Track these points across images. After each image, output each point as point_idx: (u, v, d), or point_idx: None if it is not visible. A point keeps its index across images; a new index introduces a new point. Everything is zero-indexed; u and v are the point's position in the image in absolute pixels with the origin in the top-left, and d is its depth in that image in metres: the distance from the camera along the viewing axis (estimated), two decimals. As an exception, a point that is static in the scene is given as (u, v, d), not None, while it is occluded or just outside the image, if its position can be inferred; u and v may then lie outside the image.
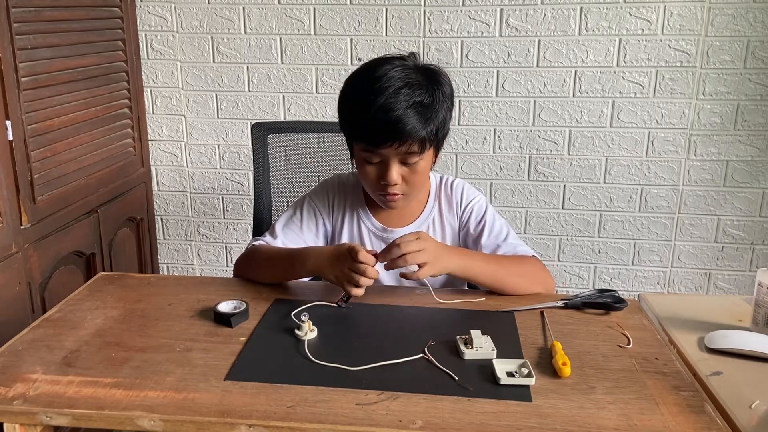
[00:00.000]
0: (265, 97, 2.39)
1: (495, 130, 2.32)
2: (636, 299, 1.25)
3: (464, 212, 1.37)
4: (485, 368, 0.97)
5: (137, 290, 1.26)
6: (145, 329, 1.10)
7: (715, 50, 2.16)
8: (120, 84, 2.23)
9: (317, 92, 2.36)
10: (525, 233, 2.40)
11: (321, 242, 1.38)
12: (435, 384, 0.93)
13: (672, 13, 2.15)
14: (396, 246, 1.12)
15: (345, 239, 1.36)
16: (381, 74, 1.16)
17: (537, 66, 2.24)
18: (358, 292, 1.14)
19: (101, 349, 1.03)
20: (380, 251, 1.14)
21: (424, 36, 2.26)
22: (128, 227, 2.31)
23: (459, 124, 2.32)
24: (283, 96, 2.37)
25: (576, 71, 2.23)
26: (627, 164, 2.30)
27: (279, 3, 2.29)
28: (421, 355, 1.00)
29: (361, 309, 1.18)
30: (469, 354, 1.00)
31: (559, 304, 1.20)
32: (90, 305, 1.19)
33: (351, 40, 2.29)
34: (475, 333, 1.03)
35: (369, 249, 1.15)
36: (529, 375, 0.94)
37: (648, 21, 2.16)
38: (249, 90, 2.38)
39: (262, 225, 1.66)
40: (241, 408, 0.87)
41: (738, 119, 2.22)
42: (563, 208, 2.37)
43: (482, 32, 2.23)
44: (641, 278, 2.42)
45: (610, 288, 1.73)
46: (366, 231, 1.36)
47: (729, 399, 0.93)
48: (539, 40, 2.22)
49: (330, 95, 2.35)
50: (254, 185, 1.67)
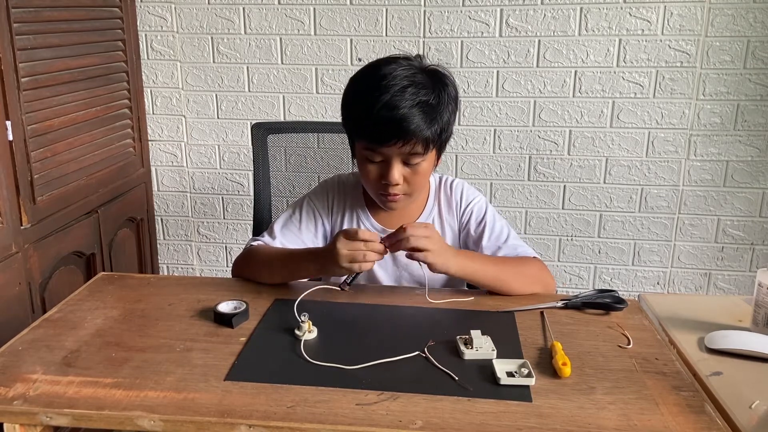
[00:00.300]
0: (265, 98, 2.39)
1: (495, 131, 2.32)
2: (636, 299, 1.25)
3: (464, 213, 1.37)
4: (485, 368, 0.97)
5: (137, 290, 1.26)
6: (145, 329, 1.10)
7: (715, 50, 2.16)
8: (120, 84, 2.23)
9: (317, 92, 2.36)
10: (525, 233, 2.40)
11: (320, 243, 1.37)
12: (435, 384, 0.93)
13: (672, 14, 2.15)
14: (402, 229, 1.12)
15: None
16: (387, 72, 1.16)
17: (537, 66, 2.24)
18: (366, 266, 1.12)
19: (101, 349, 1.03)
20: (385, 238, 1.14)
21: (424, 36, 2.26)
22: (128, 227, 2.31)
23: (459, 124, 2.32)
24: (283, 96, 2.38)
25: (576, 71, 2.23)
26: (627, 164, 2.30)
27: (279, 3, 2.29)
28: (421, 354, 1.00)
29: (362, 309, 1.18)
30: (469, 354, 1.00)
31: (559, 305, 1.20)
32: (90, 305, 1.19)
33: (351, 41, 2.29)
34: (475, 333, 1.03)
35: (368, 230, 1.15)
36: (529, 375, 0.94)
37: (648, 21, 2.16)
38: (249, 90, 2.38)
39: (262, 225, 1.66)
40: (241, 408, 0.87)
41: (738, 119, 2.22)
42: (563, 209, 2.37)
43: (482, 32, 2.23)
44: (641, 278, 2.42)
45: (610, 288, 1.72)
46: None
47: (729, 399, 0.93)
48: (539, 41, 2.22)
49: (330, 95, 2.35)
50: (254, 185, 1.67)
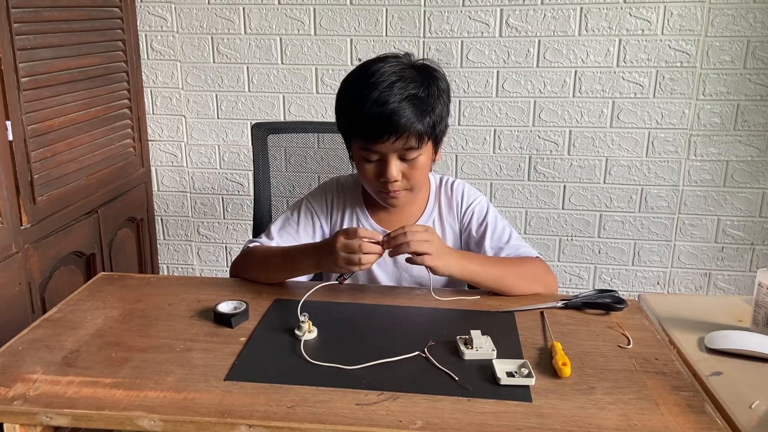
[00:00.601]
0: (265, 98, 2.39)
1: (495, 131, 2.32)
2: (636, 299, 1.25)
3: (465, 214, 1.37)
4: (485, 368, 0.97)
5: (137, 290, 1.26)
6: (145, 329, 1.10)
7: (715, 50, 2.16)
8: (120, 84, 2.23)
9: (317, 92, 2.36)
10: (525, 233, 2.40)
11: None
12: (435, 384, 0.93)
13: (672, 14, 2.15)
14: (402, 233, 1.11)
15: None
16: (375, 70, 1.16)
17: (537, 66, 2.24)
18: (364, 267, 1.12)
19: (101, 349, 1.03)
20: (385, 235, 1.13)
21: (424, 36, 2.26)
22: (128, 227, 2.31)
23: (459, 124, 2.32)
24: (283, 96, 2.37)
25: (576, 71, 2.23)
26: (627, 164, 2.30)
27: (279, 3, 2.29)
28: (421, 354, 1.00)
29: (362, 309, 1.18)
30: (469, 354, 1.00)
31: (559, 305, 1.20)
32: (90, 305, 1.19)
33: (351, 41, 2.29)
34: (475, 333, 1.03)
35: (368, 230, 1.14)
36: (529, 375, 0.94)
37: (648, 21, 2.16)
38: (249, 90, 2.38)
39: (262, 225, 1.66)
40: (241, 408, 0.87)
41: (738, 119, 2.22)
42: (563, 209, 2.37)
43: (482, 32, 2.23)
44: (641, 278, 2.42)
45: (610, 288, 1.72)
46: None
47: (729, 399, 0.93)
48: (539, 41, 2.22)
49: (330, 95, 2.35)
50: (254, 185, 1.67)
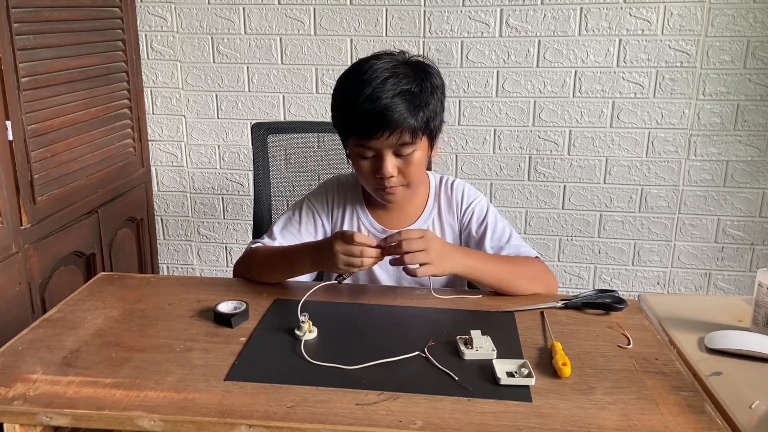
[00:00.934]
0: (265, 97, 2.38)
1: (495, 131, 2.32)
2: (636, 299, 1.25)
3: (465, 214, 1.37)
4: (485, 368, 0.97)
5: (137, 290, 1.26)
6: (145, 329, 1.10)
7: (715, 50, 2.16)
8: (120, 84, 2.23)
9: (317, 92, 2.36)
10: (525, 233, 2.40)
11: None
12: (435, 384, 0.93)
13: (672, 14, 2.15)
14: (398, 245, 1.11)
15: None
16: (368, 67, 1.18)
17: (537, 66, 2.24)
18: (363, 269, 1.13)
19: (101, 349, 1.03)
20: (381, 241, 1.13)
21: (424, 36, 2.26)
22: (128, 227, 2.31)
23: (459, 124, 2.32)
24: (283, 96, 2.37)
25: (576, 71, 2.23)
26: (627, 164, 2.30)
27: (279, 3, 2.29)
28: (421, 354, 1.00)
29: (362, 309, 1.18)
30: (469, 354, 1.00)
31: (559, 305, 1.20)
32: (90, 305, 1.19)
33: (351, 41, 2.29)
34: (475, 333, 1.03)
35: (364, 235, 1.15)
36: (529, 375, 0.94)
37: (648, 21, 2.16)
38: (249, 90, 2.38)
39: (262, 225, 1.66)
40: (241, 408, 0.87)
41: (738, 119, 2.22)
42: (563, 209, 2.37)
43: (482, 32, 2.23)
44: (641, 278, 2.42)
45: (610, 288, 1.72)
46: (366, 232, 1.35)
47: (729, 399, 0.93)
48: (539, 41, 2.22)
49: (330, 95, 2.33)
50: (254, 185, 1.67)
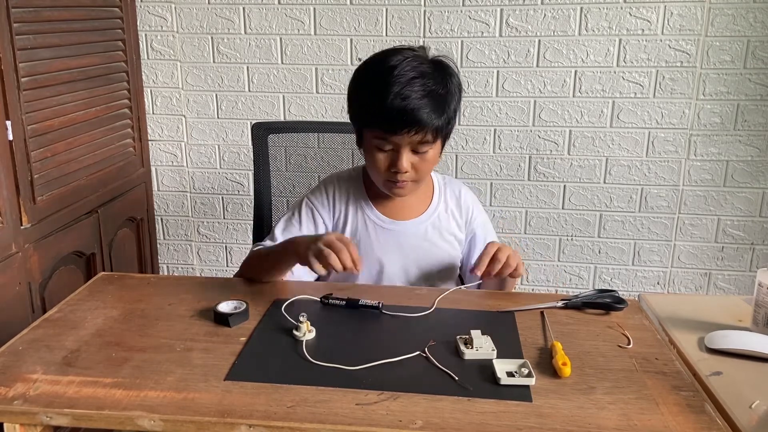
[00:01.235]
0: (265, 97, 2.38)
1: (495, 130, 2.32)
2: (636, 299, 1.25)
3: (469, 211, 1.41)
4: (485, 368, 0.97)
5: (137, 290, 1.26)
6: (145, 329, 1.10)
7: (715, 50, 2.16)
8: (120, 84, 2.23)
9: (317, 92, 2.36)
10: (525, 233, 2.40)
11: None
12: (435, 384, 0.93)
13: (672, 13, 2.15)
14: (498, 261, 1.18)
15: (348, 232, 1.37)
16: (395, 63, 1.19)
17: (537, 66, 2.24)
18: (319, 270, 1.13)
19: (101, 349, 1.03)
20: (477, 265, 1.19)
21: (424, 36, 2.26)
22: (128, 227, 2.31)
23: (459, 124, 2.31)
24: (283, 96, 2.37)
25: (576, 71, 2.23)
26: (627, 164, 2.30)
27: (279, 3, 2.29)
28: (421, 354, 1.00)
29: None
30: (469, 354, 1.00)
31: (559, 304, 1.20)
32: (90, 305, 1.19)
33: (351, 40, 2.29)
34: (475, 333, 1.03)
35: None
36: (529, 375, 0.94)
37: (648, 21, 2.16)
38: (249, 90, 2.38)
39: (263, 225, 1.66)
40: (241, 408, 0.87)
41: (738, 119, 2.22)
42: (563, 208, 2.37)
43: (482, 32, 2.23)
44: (641, 278, 2.42)
45: (610, 288, 1.72)
46: (371, 223, 1.36)
47: (729, 399, 0.93)
48: (539, 40, 2.21)
49: (330, 95, 2.35)
50: (254, 185, 1.67)
